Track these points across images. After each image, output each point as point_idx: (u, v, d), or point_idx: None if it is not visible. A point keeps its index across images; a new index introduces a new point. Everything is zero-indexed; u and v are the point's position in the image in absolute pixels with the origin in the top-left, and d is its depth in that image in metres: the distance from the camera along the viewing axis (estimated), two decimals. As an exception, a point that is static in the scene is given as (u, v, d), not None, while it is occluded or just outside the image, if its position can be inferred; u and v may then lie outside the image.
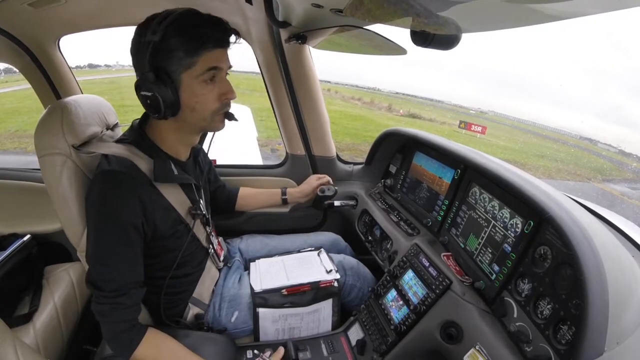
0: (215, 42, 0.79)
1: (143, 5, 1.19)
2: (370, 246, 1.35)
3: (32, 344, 1.02)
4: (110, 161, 0.82)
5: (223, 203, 1.32)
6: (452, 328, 0.83)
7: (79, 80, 1.46)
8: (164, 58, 0.76)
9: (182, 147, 0.94)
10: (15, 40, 1.19)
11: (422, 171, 1.29)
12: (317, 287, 1.08)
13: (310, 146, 1.53)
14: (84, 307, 1.27)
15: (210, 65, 0.79)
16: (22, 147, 7.98)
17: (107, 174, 0.80)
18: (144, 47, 0.76)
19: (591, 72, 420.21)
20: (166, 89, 0.76)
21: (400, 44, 0.93)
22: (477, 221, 0.96)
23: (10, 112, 11.67)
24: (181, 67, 0.77)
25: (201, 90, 0.81)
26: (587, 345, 0.58)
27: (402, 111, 26.06)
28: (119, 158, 0.82)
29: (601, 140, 33.43)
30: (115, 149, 0.84)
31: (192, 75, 0.79)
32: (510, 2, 0.47)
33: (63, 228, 0.91)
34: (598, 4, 0.44)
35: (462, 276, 0.90)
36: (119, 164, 0.81)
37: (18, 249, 1.21)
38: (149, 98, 0.77)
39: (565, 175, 13.64)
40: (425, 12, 0.54)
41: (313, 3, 0.72)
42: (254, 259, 1.22)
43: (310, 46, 1.31)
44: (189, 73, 0.78)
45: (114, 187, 0.79)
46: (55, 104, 0.90)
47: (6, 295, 1.10)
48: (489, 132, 20.38)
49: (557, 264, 0.71)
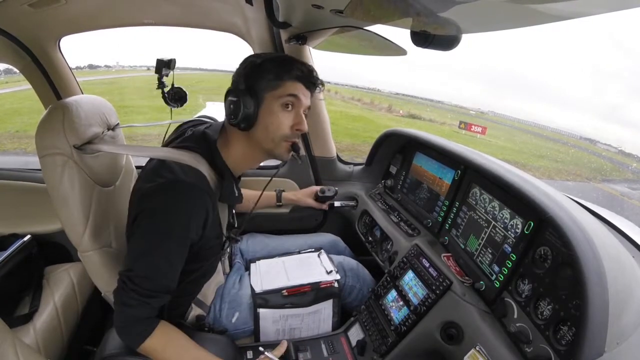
0: (301, 78, 0.87)
1: (143, 5, 1.20)
2: (370, 247, 1.35)
3: (32, 344, 1.02)
4: (183, 169, 0.80)
5: None
6: (452, 329, 0.83)
7: (79, 81, 1.47)
8: (257, 77, 0.85)
9: (245, 164, 0.94)
10: (15, 40, 1.19)
11: (422, 172, 1.29)
12: (318, 287, 1.08)
13: (310, 147, 1.53)
14: (84, 307, 1.27)
15: (292, 92, 0.85)
16: (22, 148, 7.98)
17: (182, 184, 0.77)
18: (245, 66, 0.87)
19: (592, 72, 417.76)
20: (250, 100, 0.83)
21: (400, 45, 0.93)
22: (478, 222, 0.96)
23: (11, 113, 11.66)
24: (268, 87, 0.85)
25: (278, 112, 0.86)
26: (587, 345, 0.58)
27: (402, 112, 26.06)
28: (189, 167, 0.81)
29: (601, 141, 33.43)
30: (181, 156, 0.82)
31: (274, 96, 0.85)
32: (510, 2, 0.47)
33: (63, 228, 0.91)
34: (599, 4, 0.44)
35: (463, 277, 0.90)
36: (190, 175, 0.80)
37: (18, 249, 1.22)
38: (233, 103, 0.83)
39: (565, 175, 13.64)
40: (425, 12, 0.54)
41: (313, 4, 0.72)
42: (254, 260, 1.23)
43: (311, 47, 1.32)
44: (273, 94, 0.85)
45: (189, 199, 0.77)
46: (57, 104, 0.91)
47: (6, 295, 1.10)
48: (488, 133, 20.37)
49: (557, 264, 0.71)
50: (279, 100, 0.85)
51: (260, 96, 0.85)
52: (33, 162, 1.15)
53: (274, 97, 0.85)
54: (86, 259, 0.93)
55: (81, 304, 1.26)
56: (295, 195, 1.43)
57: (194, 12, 1.25)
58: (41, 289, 1.19)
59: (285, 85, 0.85)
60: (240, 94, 0.83)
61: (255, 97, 0.84)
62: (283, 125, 0.86)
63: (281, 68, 0.85)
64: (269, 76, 0.84)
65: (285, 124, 0.86)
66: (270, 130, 0.86)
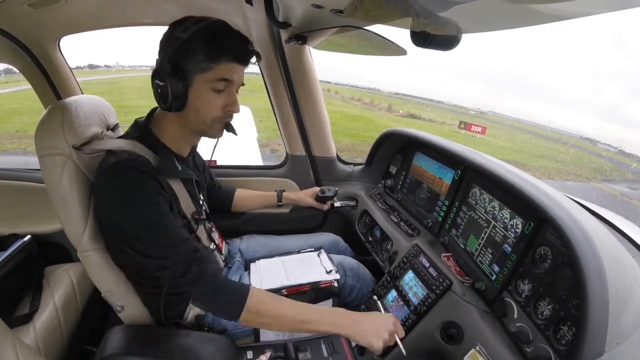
0: (235, 56, 0.82)
1: (143, 5, 1.19)
2: (370, 247, 1.35)
3: (32, 344, 1.02)
4: (117, 155, 0.82)
5: (219, 203, 1.32)
6: (452, 328, 0.83)
7: (79, 81, 1.46)
8: (185, 56, 0.80)
9: (183, 143, 0.95)
10: (15, 40, 1.19)
11: (422, 172, 1.29)
12: (317, 287, 1.08)
13: (310, 147, 1.52)
14: (84, 307, 1.27)
15: (224, 76, 0.82)
16: (22, 148, 7.98)
17: (118, 164, 0.79)
18: (170, 42, 0.80)
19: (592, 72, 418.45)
20: (178, 83, 0.79)
21: (400, 45, 0.93)
22: (478, 222, 0.96)
23: (10, 113, 11.66)
24: (197, 69, 0.80)
25: (209, 96, 0.83)
26: (587, 345, 0.58)
27: (402, 111, 26.07)
28: (127, 152, 0.82)
29: (601, 141, 33.43)
30: (120, 144, 0.84)
31: (204, 79, 0.81)
32: (510, 2, 0.46)
33: (63, 228, 0.91)
34: (599, 4, 0.44)
35: (463, 277, 0.90)
36: (122, 156, 0.81)
37: (18, 250, 1.21)
38: (160, 87, 0.80)
39: (565, 175, 13.64)
40: (425, 12, 0.54)
41: (313, 4, 0.72)
42: (254, 260, 1.22)
43: (311, 47, 1.31)
44: (203, 76, 0.81)
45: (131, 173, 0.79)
46: (56, 104, 0.90)
47: (6, 295, 1.10)
48: (488, 133, 20.37)
49: (557, 264, 0.71)
50: (209, 85, 0.82)
51: (189, 77, 0.80)
52: (33, 162, 1.14)
53: (205, 80, 0.81)
54: (86, 259, 0.93)
55: (81, 304, 1.26)
56: (297, 195, 1.43)
57: (194, 11, 1.23)
58: (41, 289, 1.19)
59: (217, 69, 0.80)
60: (166, 77, 0.79)
61: (184, 79, 0.80)
62: (214, 107, 0.84)
63: (212, 47, 0.79)
64: (199, 57, 0.79)
65: (217, 106, 0.84)
66: (201, 113, 0.85)
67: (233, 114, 0.89)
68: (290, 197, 1.42)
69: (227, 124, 0.91)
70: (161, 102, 0.83)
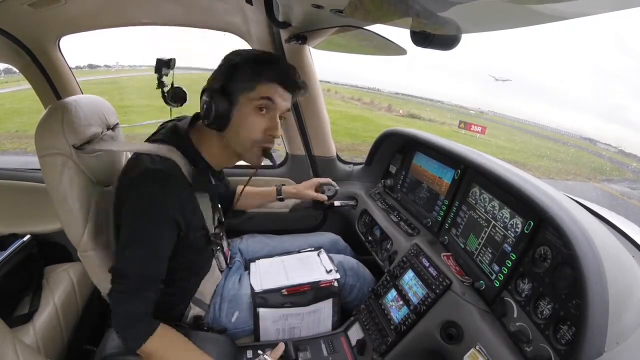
0: (276, 75, 0.83)
1: (143, 5, 1.20)
2: (370, 246, 1.35)
3: (32, 344, 1.02)
4: (152, 159, 0.81)
5: (224, 202, 1.32)
6: (452, 328, 0.83)
7: (79, 81, 1.46)
8: (232, 77, 0.83)
9: (221, 160, 0.94)
10: (15, 40, 1.19)
11: (422, 171, 1.29)
12: (317, 287, 1.08)
13: (310, 146, 1.53)
14: (84, 307, 1.27)
15: (265, 95, 0.83)
16: (22, 148, 7.98)
17: (152, 172, 0.79)
18: (224, 65, 0.85)
19: (592, 72, 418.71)
20: (223, 101, 0.81)
21: (400, 45, 0.93)
22: (477, 221, 0.96)
23: (10, 113, 11.66)
24: (242, 89, 0.82)
25: (251, 116, 0.84)
26: (587, 345, 0.58)
27: (401, 111, 26.08)
28: (163, 158, 0.81)
29: (601, 140, 33.44)
30: (158, 149, 0.83)
31: (247, 98, 0.82)
32: (510, 2, 0.47)
33: (63, 228, 0.91)
34: (599, 4, 0.44)
35: (462, 276, 0.90)
36: (158, 164, 0.80)
37: (18, 249, 1.21)
38: (206, 103, 0.81)
39: (565, 175, 13.64)
40: (425, 12, 0.54)
41: (313, 4, 0.72)
42: (254, 259, 1.22)
43: (311, 46, 1.31)
44: (246, 96, 0.82)
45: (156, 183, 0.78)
46: (56, 104, 0.90)
47: (6, 295, 1.10)
48: (488, 132, 20.39)
49: (557, 264, 0.71)
50: (253, 103, 0.82)
51: (234, 97, 0.82)
52: (33, 162, 1.14)
53: (248, 99, 0.82)
54: (86, 259, 0.93)
55: (81, 303, 1.26)
56: (295, 188, 1.42)
57: (194, 11, 1.25)
58: (41, 289, 1.19)
59: (259, 87, 0.82)
60: (213, 94, 0.81)
61: (229, 99, 0.81)
62: (255, 129, 0.84)
63: (257, 68, 0.82)
64: (244, 77, 0.82)
65: (258, 128, 0.84)
66: (242, 134, 0.84)
67: (274, 139, 0.88)
68: (290, 191, 1.41)
69: (266, 150, 0.89)
70: (205, 119, 0.83)
